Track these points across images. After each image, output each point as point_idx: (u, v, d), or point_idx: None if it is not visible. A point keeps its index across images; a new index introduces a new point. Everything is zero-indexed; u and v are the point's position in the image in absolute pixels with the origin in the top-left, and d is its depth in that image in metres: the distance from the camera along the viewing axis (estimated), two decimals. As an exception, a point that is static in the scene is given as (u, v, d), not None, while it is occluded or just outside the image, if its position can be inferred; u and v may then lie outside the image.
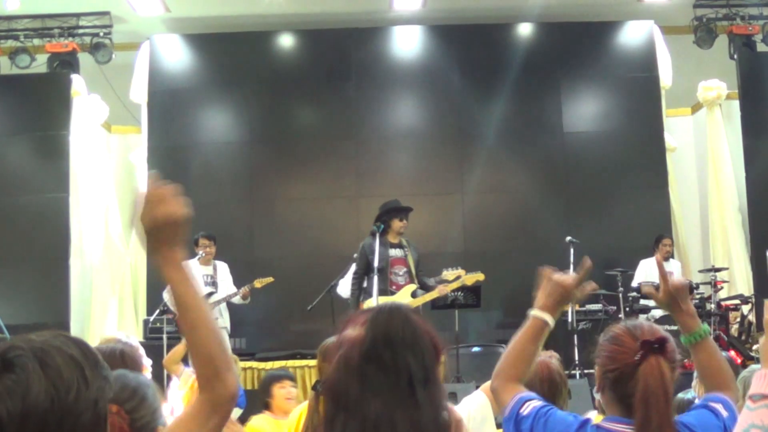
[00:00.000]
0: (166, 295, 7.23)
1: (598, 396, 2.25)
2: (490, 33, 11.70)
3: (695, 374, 4.18)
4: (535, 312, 2.33)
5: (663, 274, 2.45)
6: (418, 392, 1.57)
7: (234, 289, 8.93)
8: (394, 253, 7.85)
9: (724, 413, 2.18)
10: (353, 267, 8.40)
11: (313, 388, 3.67)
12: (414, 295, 7.78)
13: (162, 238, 1.64)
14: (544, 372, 2.97)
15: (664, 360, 2.00)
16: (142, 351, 3.87)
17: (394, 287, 7.84)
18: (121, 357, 2.76)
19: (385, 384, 1.57)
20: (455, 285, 7.91)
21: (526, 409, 2.17)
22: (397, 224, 7.96)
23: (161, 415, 2.07)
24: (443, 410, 1.63)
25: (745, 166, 10.88)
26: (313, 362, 9.19)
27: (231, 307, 9.03)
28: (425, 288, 7.90)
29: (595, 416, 2.30)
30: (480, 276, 7.91)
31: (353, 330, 1.66)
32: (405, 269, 7.90)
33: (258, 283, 8.97)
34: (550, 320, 2.32)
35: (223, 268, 9.09)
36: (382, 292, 7.69)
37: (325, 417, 1.63)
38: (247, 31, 11.63)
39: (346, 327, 1.70)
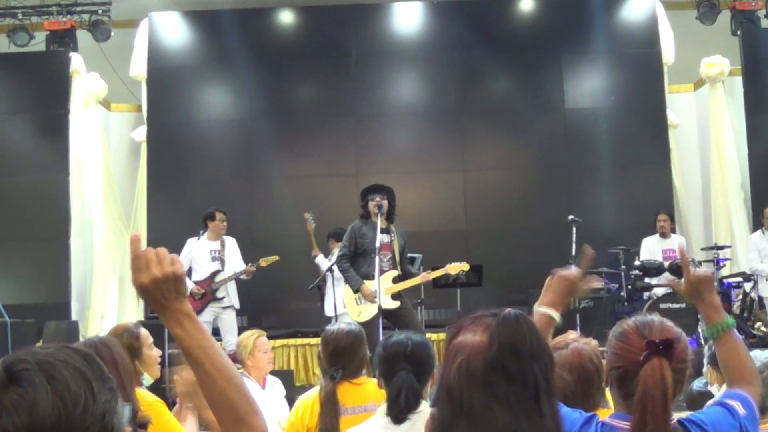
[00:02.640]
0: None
1: (607, 390, 2.20)
2: (491, 9, 11.62)
3: (705, 359, 4.10)
4: (537, 308, 2.29)
5: (686, 265, 2.37)
6: (542, 403, 1.54)
7: (242, 266, 8.89)
8: (382, 238, 7.61)
9: (742, 411, 2.09)
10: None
11: (331, 377, 3.66)
12: (395, 280, 7.69)
13: (163, 295, 1.61)
14: (574, 360, 2.66)
15: (667, 362, 1.90)
16: (150, 340, 3.84)
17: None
18: (97, 352, 2.65)
19: (512, 394, 1.53)
20: (438, 274, 7.80)
21: None
22: (370, 204, 7.70)
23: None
24: (561, 421, 1.62)
25: (747, 142, 10.83)
26: (314, 341, 9.19)
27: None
28: (408, 276, 7.78)
29: (600, 413, 2.23)
30: (465, 266, 7.79)
31: (473, 336, 1.59)
32: (390, 255, 7.72)
33: (263, 262, 8.92)
34: (555, 315, 2.28)
35: (231, 243, 9.02)
36: (365, 276, 7.59)
37: (440, 421, 1.59)
38: (246, 8, 11.55)
39: (459, 332, 1.63)
